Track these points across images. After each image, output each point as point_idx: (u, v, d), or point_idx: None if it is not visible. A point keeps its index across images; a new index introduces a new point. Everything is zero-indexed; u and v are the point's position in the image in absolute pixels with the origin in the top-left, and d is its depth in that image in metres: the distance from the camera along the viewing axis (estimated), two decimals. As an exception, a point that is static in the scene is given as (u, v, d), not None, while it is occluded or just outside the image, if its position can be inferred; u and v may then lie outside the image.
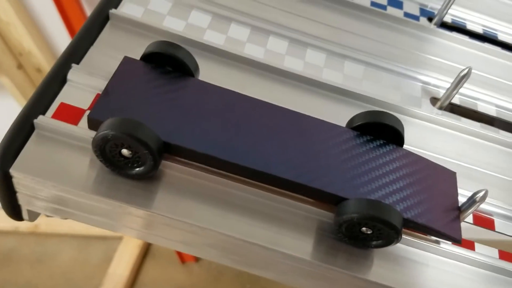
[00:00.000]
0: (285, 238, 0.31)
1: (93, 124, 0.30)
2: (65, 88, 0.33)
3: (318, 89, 0.39)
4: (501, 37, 0.49)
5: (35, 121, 0.30)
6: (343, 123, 0.34)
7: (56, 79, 0.33)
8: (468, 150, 0.39)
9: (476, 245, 0.33)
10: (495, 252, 0.33)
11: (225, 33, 0.41)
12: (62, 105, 0.32)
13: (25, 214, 0.33)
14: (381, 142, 0.33)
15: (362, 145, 0.33)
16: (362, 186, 0.30)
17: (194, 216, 0.30)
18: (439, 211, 0.31)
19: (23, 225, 1.40)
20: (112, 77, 0.31)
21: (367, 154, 0.32)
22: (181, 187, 0.31)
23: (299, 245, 0.31)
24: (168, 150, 0.30)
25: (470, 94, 0.43)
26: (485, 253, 0.33)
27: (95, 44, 0.36)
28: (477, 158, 0.38)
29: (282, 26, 0.42)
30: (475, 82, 0.43)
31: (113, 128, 0.28)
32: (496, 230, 0.34)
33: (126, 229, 0.32)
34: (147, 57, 0.33)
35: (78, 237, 1.46)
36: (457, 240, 0.31)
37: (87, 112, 0.32)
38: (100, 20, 0.37)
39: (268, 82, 0.39)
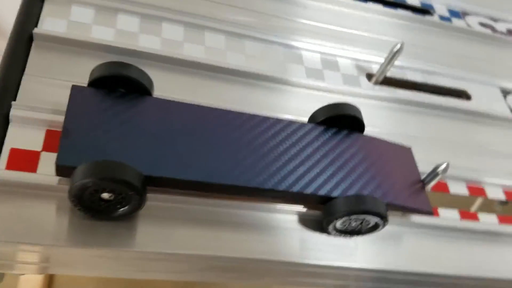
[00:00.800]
0: (277, 245, 0.31)
1: (62, 171, 0.27)
2: (10, 130, 0.29)
3: (260, 82, 0.39)
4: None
5: (-12, 180, 0.27)
6: (294, 112, 0.36)
7: (-3, 123, 0.29)
8: (410, 120, 0.41)
9: (439, 209, 0.36)
10: (456, 213, 0.36)
11: (159, 35, 0.38)
12: (13, 151, 0.29)
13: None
14: (347, 133, 0.34)
15: (331, 140, 0.33)
16: (343, 182, 0.31)
17: (184, 245, 0.29)
18: (408, 189, 0.34)
19: None
20: (66, 114, 0.28)
21: (338, 148, 0.33)
22: (163, 217, 0.30)
23: (291, 247, 0.31)
24: (150, 183, 0.28)
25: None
26: (448, 217, 0.36)
27: (26, 71, 0.32)
28: (419, 126, 0.41)
29: (213, 19, 0.41)
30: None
31: (91, 174, 0.25)
32: (451, 192, 0.38)
33: (116, 272, 0.30)
34: (96, 82, 0.30)
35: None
36: (429, 213, 0.34)
37: (43, 154, 0.29)
38: (23, 43, 0.33)
39: (215, 83, 0.37)
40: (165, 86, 0.35)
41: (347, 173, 0.32)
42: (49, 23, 0.35)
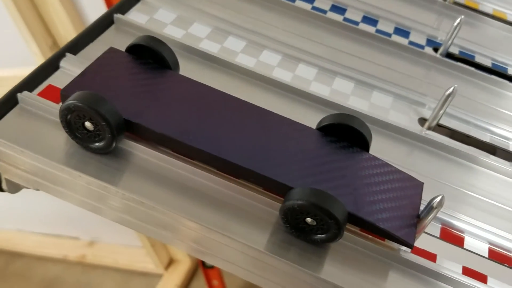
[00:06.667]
0: (237, 226, 0.30)
1: (65, 100, 0.32)
2: (57, 73, 0.36)
3: (307, 100, 0.40)
4: (512, 71, 0.48)
5: (18, 95, 0.34)
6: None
7: (51, 65, 0.36)
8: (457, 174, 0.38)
9: (438, 257, 0.31)
10: (459, 268, 0.31)
11: (221, 43, 0.43)
12: (50, 86, 0.35)
13: (4, 184, 0.35)
14: (345, 144, 0.33)
15: (322, 144, 0.33)
16: (311, 177, 0.30)
17: (151, 195, 0.31)
18: (394, 214, 0.30)
19: (72, 254, 1.44)
20: (92, 62, 0.34)
21: (325, 152, 0.32)
22: (146, 168, 0.32)
23: (252, 234, 0.30)
24: (130, 129, 0.32)
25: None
26: (448, 267, 0.31)
27: (95, 41, 0.40)
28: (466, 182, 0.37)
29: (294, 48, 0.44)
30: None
31: (77, 100, 0.30)
32: (465, 247, 0.33)
33: (96, 208, 0.33)
34: (132, 49, 0.36)
35: (121, 270, 1.46)
36: (409, 245, 0.30)
37: (72, 94, 0.35)
38: (105, 22, 0.41)
39: (253, 88, 0.40)
40: (207, 80, 0.37)
41: (320, 173, 0.31)
42: (134, 15, 0.43)
